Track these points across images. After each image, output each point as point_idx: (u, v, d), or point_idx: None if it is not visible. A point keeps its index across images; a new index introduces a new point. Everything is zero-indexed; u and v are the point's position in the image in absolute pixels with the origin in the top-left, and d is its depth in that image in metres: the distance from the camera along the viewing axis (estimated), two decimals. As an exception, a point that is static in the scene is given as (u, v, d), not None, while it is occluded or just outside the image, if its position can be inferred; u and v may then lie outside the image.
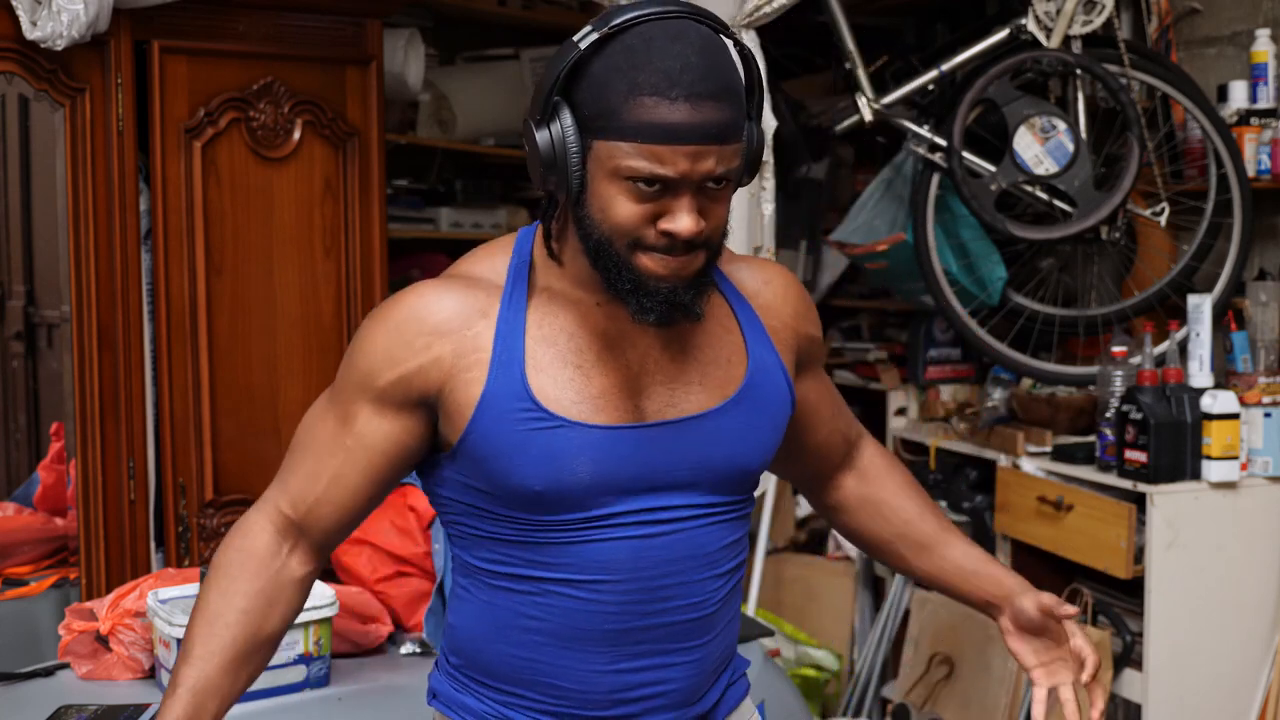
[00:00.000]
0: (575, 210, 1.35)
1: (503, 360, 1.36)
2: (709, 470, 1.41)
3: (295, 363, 2.75)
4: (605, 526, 1.37)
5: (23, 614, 2.57)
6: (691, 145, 1.28)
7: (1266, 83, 3.03)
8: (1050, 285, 3.43)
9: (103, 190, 2.53)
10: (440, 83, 3.92)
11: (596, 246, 1.34)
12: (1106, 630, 2.88)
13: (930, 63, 3.17)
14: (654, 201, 1.30)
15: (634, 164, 1.28)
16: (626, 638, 1.40)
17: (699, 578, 1.42)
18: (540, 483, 1.35)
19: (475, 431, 1.35)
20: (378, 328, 1.40)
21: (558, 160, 1.33)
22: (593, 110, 1.31)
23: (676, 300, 1.34)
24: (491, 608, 1.43)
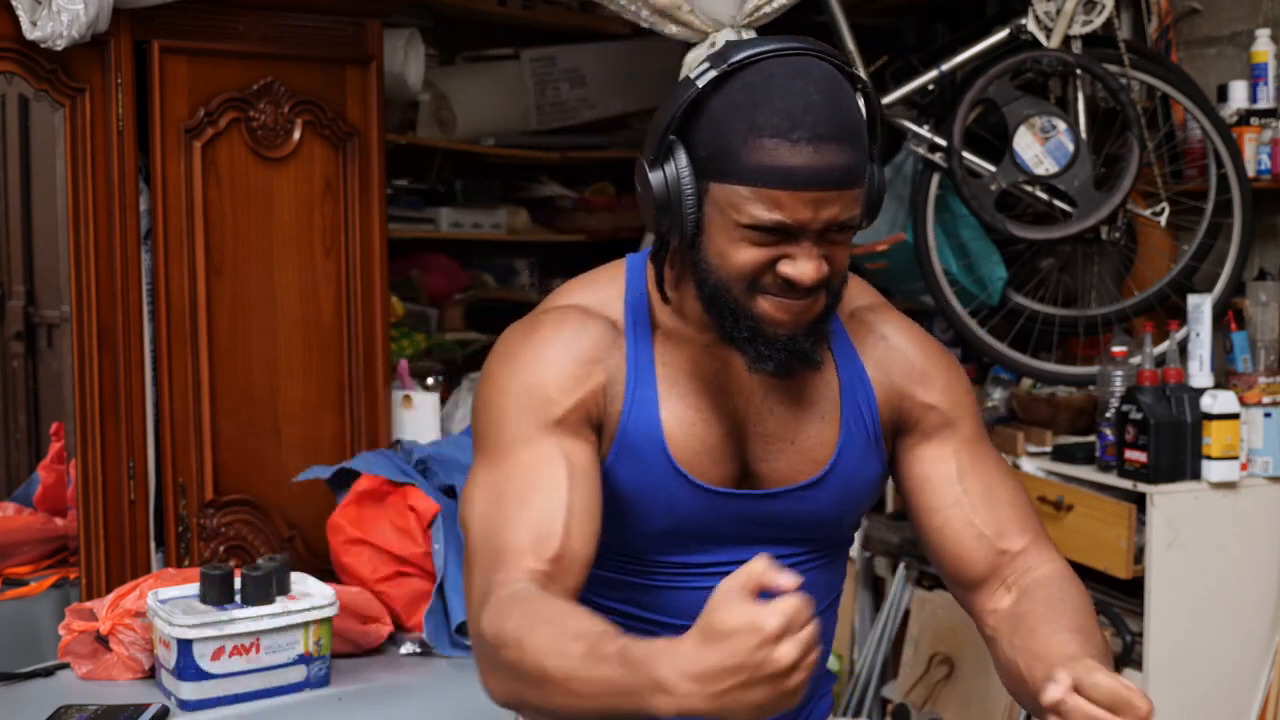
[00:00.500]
0: (690, 253, 1.30)
1: (639, 397, 1.33)
2: (802, 531, 1.39)
3: (295, 363, 2.75)
4: (699, 574, 1.36)
5: (23, 614, 2.56)
6: (814, 191, 1.22)
7: (1266, 83, 3.03)
8: (1050, 285, 3.43)
9: (103, 190, 2.53)
10: (440, 83, 3.92)
11: (712, 292, 1.28)
12: (1106, 630, 2.88)
13: (930, 63, 3.17)
14: (774, 246, 1.25)
15: (754, 210, 1.23)
16: None
17: None
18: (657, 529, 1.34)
19: (617, 460, 1.33)
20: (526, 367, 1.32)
21: (672, 203, 1.27)
22: (710, 151, 1.25)
23: (795, 348, 1.29)
24: None
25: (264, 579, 2.05)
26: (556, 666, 1.15)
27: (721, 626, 1.06)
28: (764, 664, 1.04)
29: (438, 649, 2.28)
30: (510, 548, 1.26)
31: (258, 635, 2.01)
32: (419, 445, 2.62)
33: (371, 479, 2.41)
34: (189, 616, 1.97)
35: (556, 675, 1.15)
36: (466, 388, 3.58)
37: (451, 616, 2.29)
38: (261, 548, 2.70)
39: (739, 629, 1.06)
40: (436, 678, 2.20)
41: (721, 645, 1.06)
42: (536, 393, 1.31)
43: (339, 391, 2.80)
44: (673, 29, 2.69)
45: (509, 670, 1.20)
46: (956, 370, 1.48)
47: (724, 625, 1.06)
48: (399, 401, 2.96)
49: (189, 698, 1.97)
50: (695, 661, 1.07)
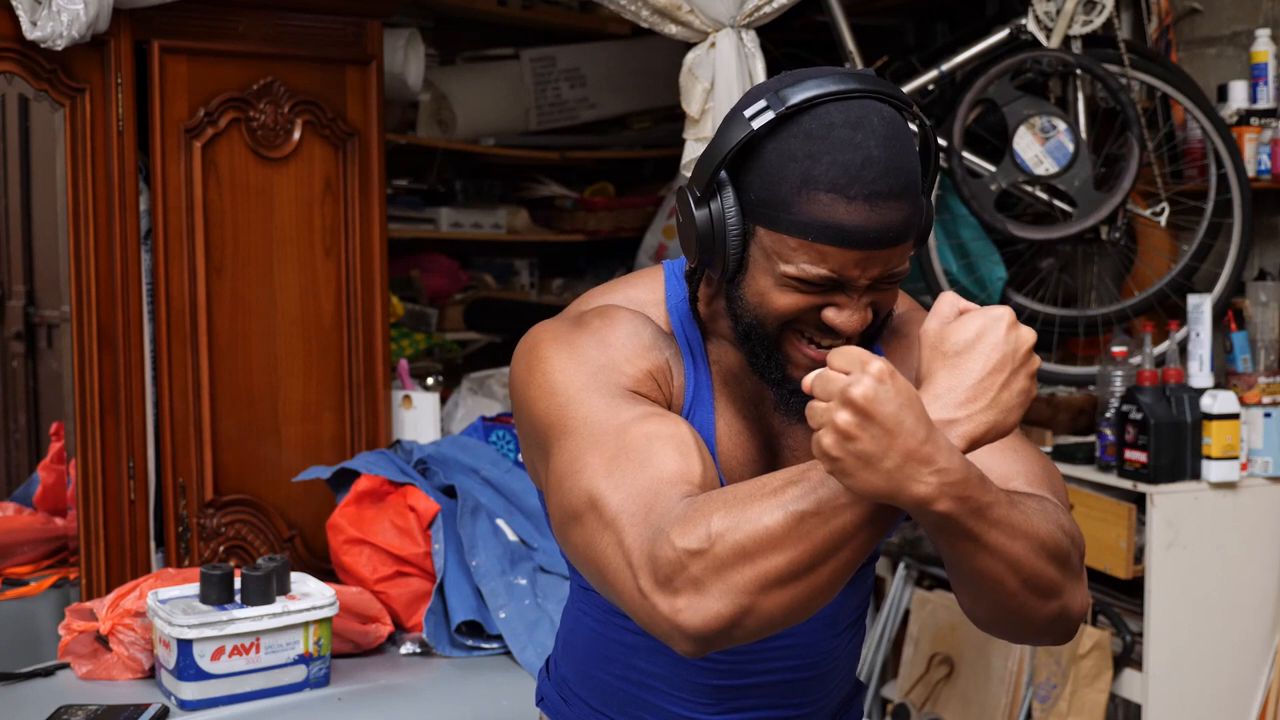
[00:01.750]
0: (729, 288, 1.26)
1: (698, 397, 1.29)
2: None
3: (295, 363, 2.75)
4: None
5: (23, 614, 2.56)
6: (866, 250, 1.18)
7: (1266, 83, 3.03)
8: (1050, 285, 3.43)
9: (103, 190, 2.53)
10: (440, 83, 3.92)
11: (747, 330, 1.25)
12: (1106, 630, 2.88)
13: (930, 63, 3.17)
14: (817, 295, 1.21)
15: (802, 263, 1.19)
16: (736, 693, 1.37)
17: (814, 639, 1.38)
18: None
19: None
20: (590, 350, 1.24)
21: (716, 240, 1.23)
22: (761, 195, 1.20)
23: None
24: (600, 639, 1.40)
25: (264, 579, 2.05)
26: (777, 521, 1.06)
27: (963, 338, 1.08)
28: (1019, 346, 1.07)
29: (438, 649, 2.28)
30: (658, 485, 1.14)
31: (258, 635, 2.01)
32: (419, 445, 2.62)
33: (371, 479, 2.41)
34: (189, 616, 1.97)
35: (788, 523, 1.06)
36: (467, 388, 3.58)
37: (451, 616, 2.29)
38: (261, 548, 2.70)
39: (984, 328, 1.08)
40: (436, 678, 2.20)
41: (974, 353, 1.07)
42: (609, 367, 1.24)
43: (339, 391, 2.80)
44: (673, 29, 2.69)
45: (732, 560, 1.06)
46: None
47: (964, 336, 1.08)
48: (399, 401, 2.96)
49: (189, 698, 1.97)
50: (958, 385, 1.07)
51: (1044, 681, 2.98)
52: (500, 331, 4.09)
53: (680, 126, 2.77)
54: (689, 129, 2.74)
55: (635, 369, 1.25)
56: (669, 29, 2.69)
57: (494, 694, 2.15)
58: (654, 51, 3.86)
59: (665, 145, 4.09)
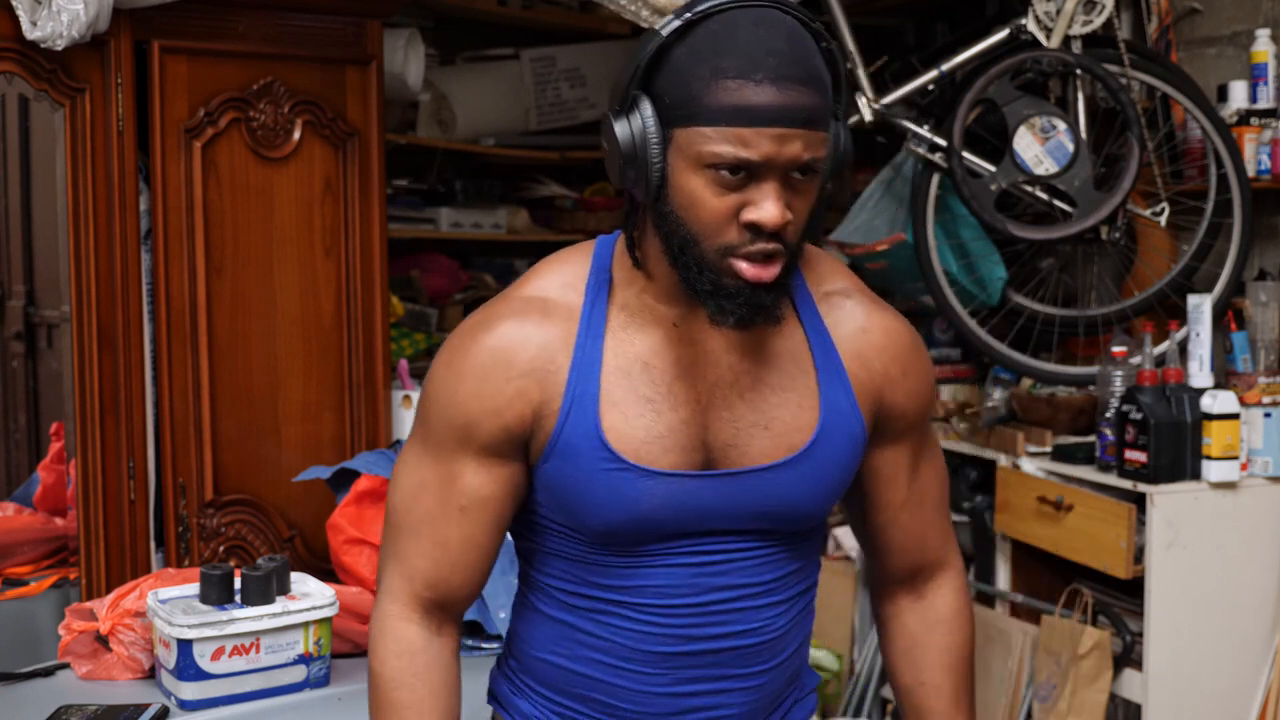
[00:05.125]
0: (657, 207, 1.30)
1: (579, 394, 1.32)
2: (767, 519, 1.38)
3: (295, 363, 2.75)
4: (661, 554, 1.36)
5: (23, 614, 2.56)
6: (776, 128, 1.23)
7: (1266, 83, 3.03)
8: (1050, 285, 3.43)
9: (103, 190, 2.53)
10: (440, 83, 3.92)
11: (680, 245, 1.29)
12: (1106, 630, 2.88)
13: (930, 63, 3.17)
14: (738, 192, 1.26)
15: (717, 149, 1.24)
16: (681, 660, 1.39)
17: (756, 605, 1.40)
18: (603, 523, 1.34)
19: (550, 464, 1.34)
20: (462, 376, 1.35)
21: (638, 152, 1.28)
22: (674, 98, 1.26)
23: (757, 301, 1.29)
24: (549, 621, 1.43)
25: (264, 579, 2.05)
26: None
27: None
28: None
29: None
30: (405, 566, 1.40)
31: (258, 635, 2.01)
32: (419, 445, 2.62)
33: (371, 479, 2.41)
34: (189, 616, 1.97)
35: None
36: (466, 388, 3.57)
37: (451, 616, 2.29)
38: (261, 548, 2.70)
39: None
40: (436, 678, 2.19)
41: None
42: (461, 411, 1.35)
43: (339, 391, 2.80)
44: (673, 29, 2.68)
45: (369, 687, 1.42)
46: (930, 368, 1.48)
47: None
48: (399, 401, 2.96)
49: (189, 698, 1.97)
50: None
51: (1044, 681, 2.98)
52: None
53: (680, 126, 2.77)
54: (689, 129, 2.73)
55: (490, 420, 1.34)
56: (669, 29, 2.68)
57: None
58: (654, 51, 3.85)
59: (665, 145, 4.08)
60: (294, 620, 2.04)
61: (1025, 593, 3.18)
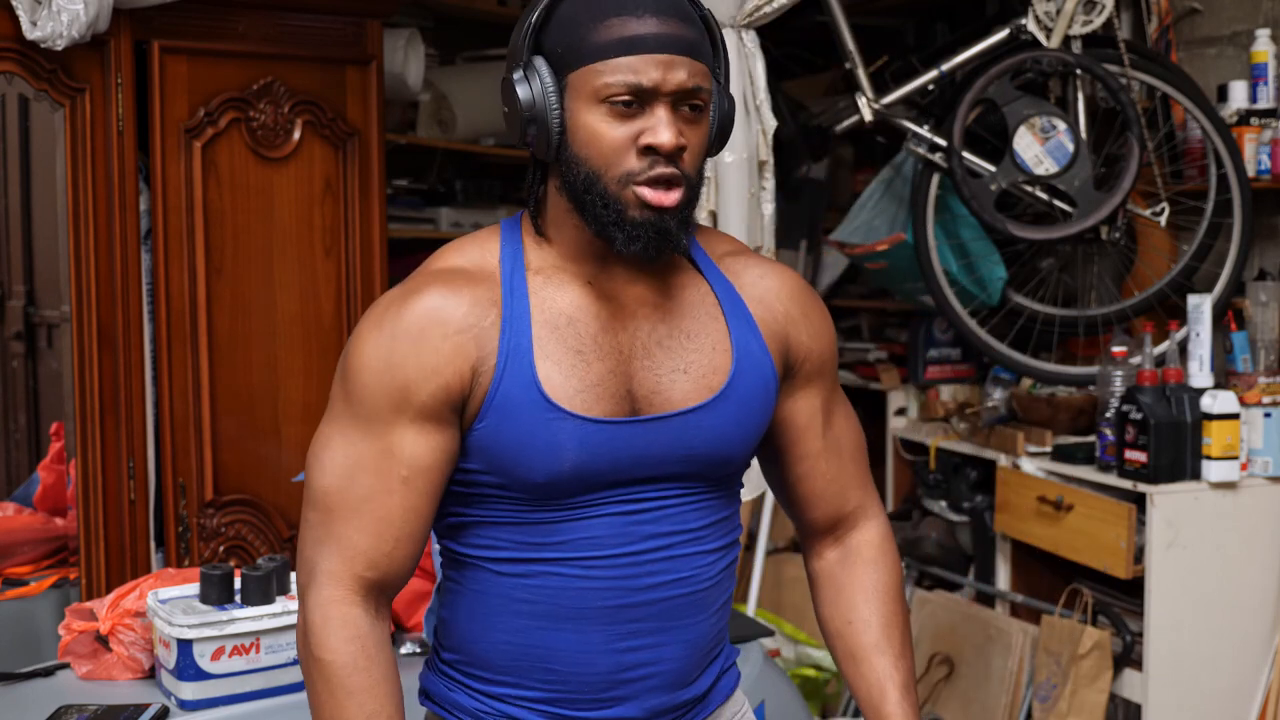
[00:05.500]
0: (559, 154, 1.36)
1: (512, 349, 1.35)
2: (694, 462, 1.42)
3: (295, 363, 2.75)
4: (594, 505, 1.39)
5: (23, 614, 2.57)
6: (661, 54, 1.32)
7: (1266, 83, 3.03)
8: (1050, 285, 3.43)
9: (103, 190, 2.53)
10: (440, 83, 3.92)
11: (585, 185, 1.35)
12: (1106, 630, 2.88)
13: (930, 63, 3.17)
14: (633, 121, 1.33)
15: (608, 80, 1.32)
16: (619, 615, 1.40)
17: (687, 553, 1.43)
18: (543, 474, 1.35)
19: (486, 421, 1.35)
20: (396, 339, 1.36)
21: (536, 104, 1.35)
22: (565, 46, 1.34)
23: (662, 227, 1.35)
24: (484, 596, 1.43)
25: (264, 579, 2.05)
26: None
27: None
28: None
29: (438, 649, 2.28)
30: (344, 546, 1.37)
31: (258, 635, 2.01)
32: (419, 445, 2.62)
33: (371, 479, 2.41)
34: (189, 616, 1.97)
35: None
36: (466, 388, 3.58)
37: (451, 616, 2.29)
38: (261, 548, 2.70)
39: None
40: (436, 678, 2.19)
41: None
42: (398, 375, 1.35)
43: (339, 391, 2.80)
44: (673, 29, 2.68)
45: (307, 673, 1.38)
46: (828, 314, 1.56)
47: None
48: (399, 401, 2.96)
49: (189, 698, 1.97)
50: None
51: (1044, 681, 2.99)
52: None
53: (680, 126, 2.77)
54: (689, 129, 2.73)
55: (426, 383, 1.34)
56: (669, 29, 2.68)
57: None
58: (654, 51, 3.86)
59: (665, 145, 4.09)
60: (294, 620, 2.04)
61: (1025, 593, 3.18)
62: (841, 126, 3.18)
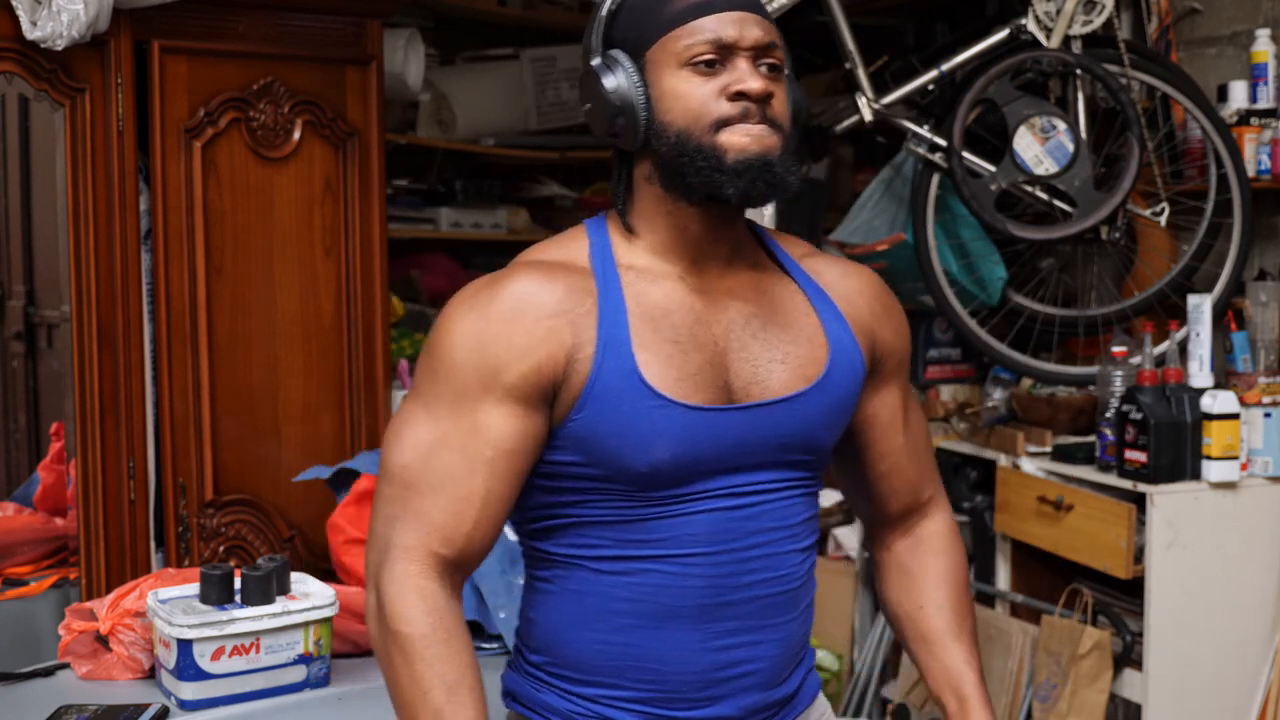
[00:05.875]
0: (649, 133, 1.38)
1: (610, 339, 1.35)
2: (790, 450, 1.43)
3: (295, 363, 2.75)
4: (695, 500, 1.38)
5: (23, 614, 2.56)
6: (734, 11, 1.36)
7: (1266, 83, 3.03)
8: (1050, 285, 3.43)
9: (103, 190, 2.53)
10: (440, 83, 3.92)
11: (677, 144, 1.36)
12: (1106, 630, 2.88)
13: (930, 63, 3.17)
14: (717, 76, 1.36)
15: (688, 41, 1.35)
16: (718, 613, 1.40)
17: (784, 550, 1.44)
18: (645, 463, 1.35)
19: (585, 411, 1.35)
20: (488, 320, 1.35)
21: (622, 89, 1.37)
22: (638, 31, 1.38)
23: (766, 163, 1.36)
24: (579, 595, 1.41)
25: (264, 579, 2.05)
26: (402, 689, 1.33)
27: None
28: None
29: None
30: (424, 522, 1.35)
31: (258, 635, 2.01)
32: (419, 445, 2.62)
33: (371, 479, 2.41)
34: (189, 616, 1.97)
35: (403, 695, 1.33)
36: (466, 388, 3.57)
37: (451, 616, 2.29)
38: (261, 548, 2.70)
39: None
40: (436, 678, 2.19)
41: None
42: (489, 354, 1.34)
43: (339, 391, 2.80)
44: (673, 29, 2.68)
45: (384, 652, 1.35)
46: (903, 311, 1.58)
47: None
48: (399, 401, 2.96)
49: (189, 698, 1.97)
50: None
51: (1044, 681, 2.98)
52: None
53: (680, 126, 2.77)
54: (689, 129, 2.73)
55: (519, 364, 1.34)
56: (669, 29, 2.69)
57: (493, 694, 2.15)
58: (654, 51, 3.86)
59: (665, 145, 4.09)
60: (294, 620, 2.04)
61: (1025, 593, 3.18)
62: (841, 126, 3.17)
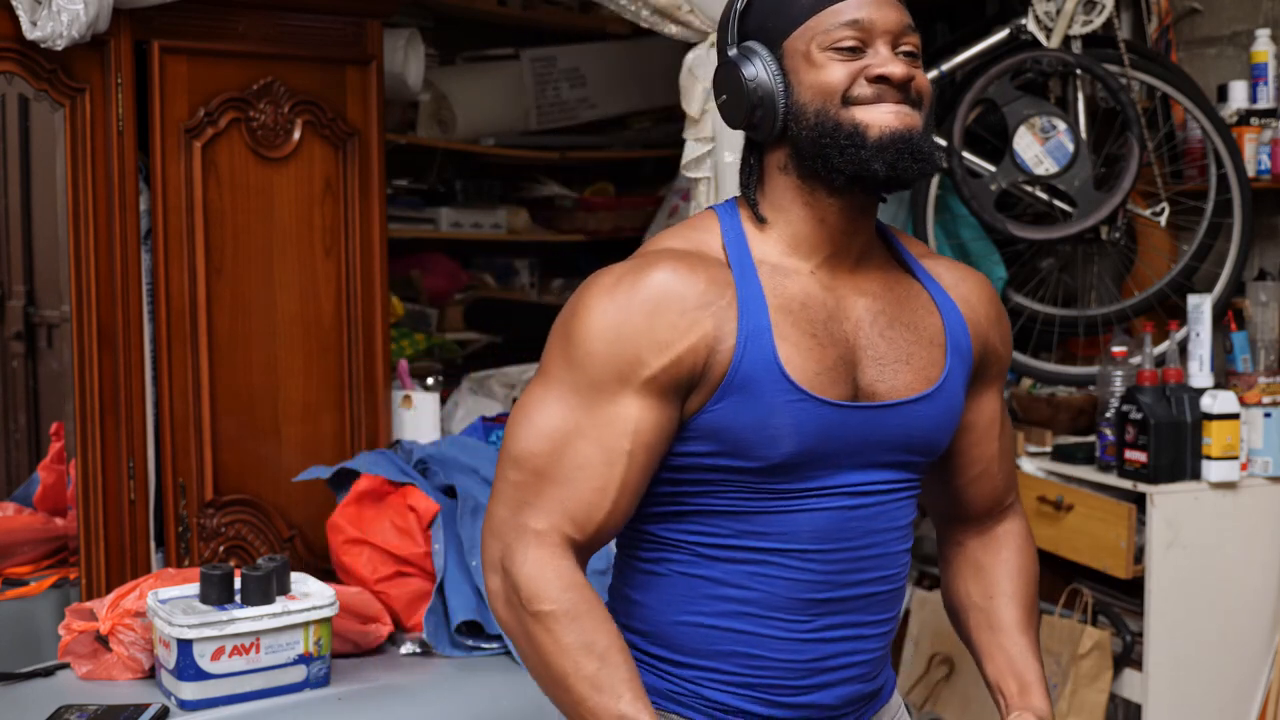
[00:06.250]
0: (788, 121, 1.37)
1: (753, 330, 1.35)
2: (909, 451, 1.43)
3: (295, 363, 2.75)
4: (819, 496, 1.39)
5: (23, 614, 2.56)
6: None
7: (1266, 83, 3.04)
8: (1050, 285, 3.43)
9: (103, 190, 2.53)
10: (440, 83, 3.92)
11: (816, 124, 1.36)
12: (1106, 630, 2.88)
13: (930, 63, 3.17)
14: (857, 59, 1.35)
15: (826, 26, 1.35)
16: (830, 606, 1.41)
17: (894, 550, 1.45)
18: (780, 455, 1.35)
19: (724, 403, 1.34)
20: (629, 311, 1.33)
21: (761, 79, 1.37)
22: (773, 20, 1.37)
23: (910, 140, 1.36)
24: (691, 581, 1.41)
25: (264, 579, 2.05)
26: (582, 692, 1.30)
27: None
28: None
29: (438, 649, 2.28)
30: (557, 506, 1.33)
31: (258, 635, 2.01)
32: (419, 445, 2.62)
33: (371, 479, 2.41)
34: (189, 616, 1.97)
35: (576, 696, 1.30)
36: (467, 388, 3.58)
37: (451, 616, 2.29)
38: (261, 548, 2.70)
39: None
40: (436, 678, 2.20)
41: None
42: (629, 346, 1.32)
43: (339, 391, 2.80)
44: (673, 29, 2.69)
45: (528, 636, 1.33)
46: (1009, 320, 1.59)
47: None
48: (399, 401, 2.96)
49: (189, 698, 1.97)
50: None
51: (1044, 681, 2.98)
52: (500, 331, 4.09)
53: (680, 127, 2.77)
54: (689, 129, 2.74)
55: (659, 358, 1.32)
56: (669, 29, 2.69)
57: (494, 694, 2.15)
58: (654, 51, 3.86)
59: (665, 145, 4.09)
60: (294, 620, 2.04)
61: (1025, 593, 3.18)
62: (841, 126, 3.17)
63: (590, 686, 1.29)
